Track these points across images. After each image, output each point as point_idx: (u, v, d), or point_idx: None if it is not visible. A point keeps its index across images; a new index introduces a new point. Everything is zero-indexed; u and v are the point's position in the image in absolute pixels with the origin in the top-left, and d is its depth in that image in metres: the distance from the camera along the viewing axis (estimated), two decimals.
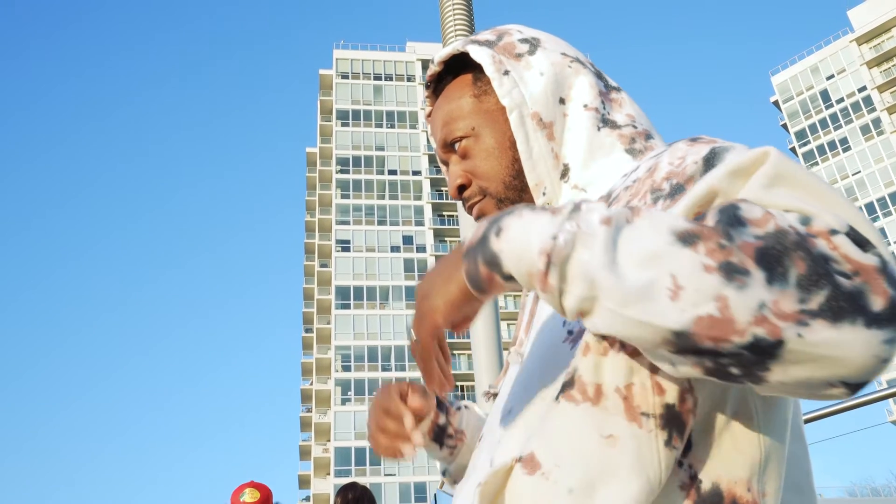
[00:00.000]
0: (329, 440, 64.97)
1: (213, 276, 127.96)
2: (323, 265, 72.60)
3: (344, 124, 74.84)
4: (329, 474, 63.93)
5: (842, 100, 75.25)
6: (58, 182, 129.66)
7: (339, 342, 66.99)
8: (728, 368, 0.69)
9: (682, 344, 0.68)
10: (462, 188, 1.10)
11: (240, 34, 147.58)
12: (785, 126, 79.03)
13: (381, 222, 71.51)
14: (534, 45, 1.09)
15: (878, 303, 0.65)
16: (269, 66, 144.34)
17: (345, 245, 70.56)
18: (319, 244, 73.25)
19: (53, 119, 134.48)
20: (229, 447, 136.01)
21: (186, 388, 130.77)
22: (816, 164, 75.77)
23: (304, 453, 69.68)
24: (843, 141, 74.34)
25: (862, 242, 0.68)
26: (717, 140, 0.90)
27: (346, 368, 66.11)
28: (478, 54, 1.08)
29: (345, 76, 75.97)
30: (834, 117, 75.46)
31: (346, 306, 68.11)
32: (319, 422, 67.04)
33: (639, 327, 0.69)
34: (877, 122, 72.76)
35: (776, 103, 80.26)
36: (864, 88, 74.09)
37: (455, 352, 65.97)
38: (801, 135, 77.44)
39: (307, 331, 74.89)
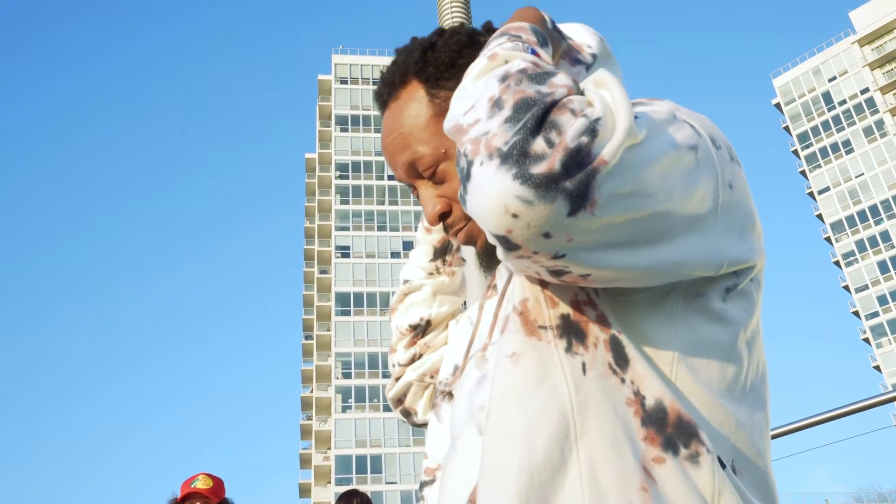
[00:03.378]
0: (330, 448, 64.59)
1: (212, 282, 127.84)
2: (323, 271, 72.27)
3: (343, 129, 74.63)
4: (330, 483, 63.48)
5: (844, 102, 74.88)
6: (54, 187, 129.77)
7: (339, 349, 66.68)
8: (461, 180, 0.81)
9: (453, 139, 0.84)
10: (444, 215, 1.06)
11: (238, 39, 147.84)
12: (787, 129, 78.61)
13: (380, 228, 71.20)
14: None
15: (539, 167, 0.73)
16: (268, 72, 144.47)
17: (344, 251, 70.30)
18: (319, 250, 72.94)
19: (49, 122, 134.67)
20: (228, 455, 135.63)
21: (184, 395, 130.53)
22: (819, 166, 75.37)
23: (305, 461, 69.27)
24: (846, 143, 73.94)
25: (594, 132, 0.75)
26: (660, 102, 0.92)
27: (347, 375, 65.76)
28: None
29: (344, 81, 75.77)
30: (836, 119, 75.07)
31: (347, 313, 67.82)
32: (320, 429, 66.64)
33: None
34: (879, 123, 72.33)
35: (778, 105, 79.87)
36: (866, 90, 73.71)
37: None
38: (803, 137, 77.02)
39: (307, 338, 74.55)
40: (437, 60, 1.06)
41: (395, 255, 69.78)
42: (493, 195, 0.74)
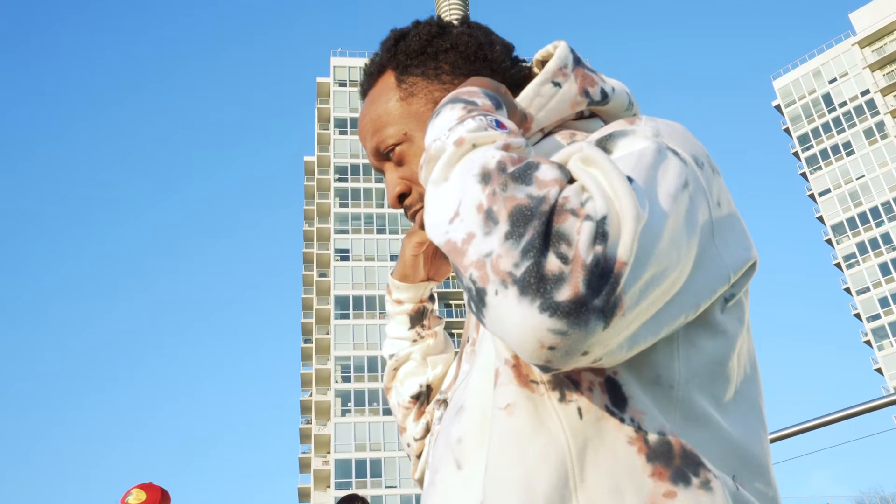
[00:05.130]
0: (329, 452, 64.51)
1: (211, 286, 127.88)
2: (322, 275, 72.26)
3: (342, 132, 74.67)
4: (329, 487, 63.38)
5: (844, 103, 74.88)
6: (53, 188, 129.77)
7: (338, 352, 66.64)
8: (469, 301, 0.76)
9: (448, 257, 0.77)
10: (402, 196, 1.08)
11: (236, 42, 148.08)
12: (787, 130, 78.59)
13: (380, 231, 71.23)
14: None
15: (564, 293, 0.68)
16: (266, 75, 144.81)
17: (344, 254, 70.31)
18: (318, 254, 72.97)
19: (47, 122, 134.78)
20: (228, 459, 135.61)
21: (183, 399, 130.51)
22: (819, 168, 75.31)
23: (304, 466, 69.19)
24: (847, 145, 73.91)
25: (604, 236, 0.70)
26: (633, 121, 0.89)
27: (346, 379, 65.73)
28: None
29: (342, 84, 75.83)
30: (837, 121, 75.05)
31: (346, 316, 67.83)
32: (319, 433, 66.54)
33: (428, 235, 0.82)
34: (880, 125, 72.32)
35: (778, 107, 79.88)
36: (866, 92, 73.72)
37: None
38: (803, 139, 77.00)
39: (306, 341, 74.50)
40: (407, 48, 1.08)
41: (394, 258, 69.60)
42: (522, 330, 0.70)
